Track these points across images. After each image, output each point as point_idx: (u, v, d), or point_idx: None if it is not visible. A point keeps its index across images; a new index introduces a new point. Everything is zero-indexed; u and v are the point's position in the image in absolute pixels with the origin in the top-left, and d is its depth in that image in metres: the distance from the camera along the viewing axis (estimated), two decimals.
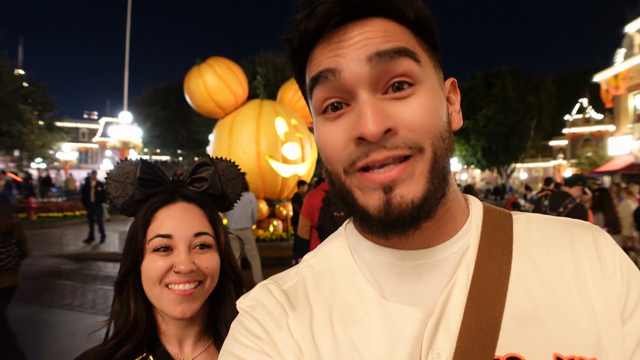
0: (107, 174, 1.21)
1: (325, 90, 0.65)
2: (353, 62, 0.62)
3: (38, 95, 27.62)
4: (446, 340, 0.63)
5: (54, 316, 6.63)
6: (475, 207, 0.77)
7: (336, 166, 0.66)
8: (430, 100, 0.64)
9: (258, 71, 21.05)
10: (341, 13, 0.62)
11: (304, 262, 0.81)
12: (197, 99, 10.77)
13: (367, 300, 0.69)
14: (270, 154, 10.62)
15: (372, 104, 0.61)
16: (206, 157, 1.26)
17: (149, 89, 40.08)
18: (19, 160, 30.16)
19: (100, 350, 1.07)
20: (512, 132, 37.05)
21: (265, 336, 0.69)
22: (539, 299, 0.64)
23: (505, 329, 0.62)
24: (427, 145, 0.62)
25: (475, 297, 0.64)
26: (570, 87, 44.74)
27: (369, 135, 0.59)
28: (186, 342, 1.16)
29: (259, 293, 0.76)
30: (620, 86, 26.24)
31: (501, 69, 37.99)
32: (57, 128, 30.27)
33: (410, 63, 0.63)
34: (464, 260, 0.68)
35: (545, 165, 52.08)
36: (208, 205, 1.19)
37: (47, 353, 5.21)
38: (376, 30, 0.63)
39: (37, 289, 8.06)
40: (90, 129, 63.07)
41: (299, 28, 0.65)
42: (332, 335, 0.67)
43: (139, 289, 1.12)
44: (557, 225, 0.73)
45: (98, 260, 10.95)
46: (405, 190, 0.61)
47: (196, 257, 1.09)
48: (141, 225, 1.11)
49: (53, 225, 18.25)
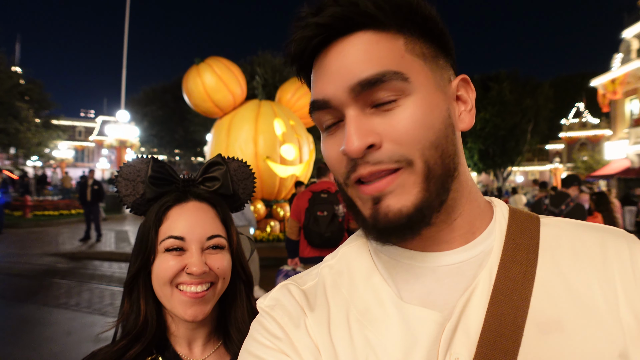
0: (117, 171, 1.20)
1: (321, 114, 0.69)
2: (338, 91, 0.64)
3: (35, 93, 27.51)
4: (465, 345, 0.62)
5: (50, 315, 6.59)
6: (500, 210, 0.75)
7: (338, 178, 0.70)
8: (418, 111, 0.62)
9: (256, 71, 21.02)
10: (318, 35, 0.65)
11: (325, 262, 0.81)
12: (195, 99, 10.76)
13: (384, 301, 0.68)
14: (268, 154, 10.62)
15: (357, 121, 0.62)
16: (218, 157, 1.25)
17: (147, 87, 39.94)
18: (15, 158, 30.05)
19: (110, 351, 1.05)
20: (509, 135, 37.12)
21: (283, 336, 0.70)
22: (563, 306, 0.62)
23: (527, 336, 0.60)
24: (415, 158, 0.61)
25: (498, 302, 0.63)
26: (567, 91, 44.91)
27: (351, 152, 0.61)
28: (196, 343, 1.15)
29: (278, 293, 0.77)
30: (617, 91, 26.37)
31: (498, 72, 38.07)
32: (53, 126, 30.18)
33: (395, 83, 0.62)
34: (487, 263, 0.67)
35: (541, 169, 52.24)
36: (220, 205, 1.17)
37: (43, 352, 5.17)
38: (357, 50, 0.63)
39: (33, 288, 8.03)
40: (87, 127, 62.99)
41: (288, 52, 0.70)
42: (349, 335, 0.67)
43: (149, 290, 1.11)
44: (588, 231, 0.70)
45: (94, 259, 10.91)
46: (393, 201, 0.62)
47: (208, 257, 1.08)
48: (153, 224, 1.09)
49: (49, 223, 18.19)
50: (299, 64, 0.71)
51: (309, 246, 4.97)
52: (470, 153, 39.52)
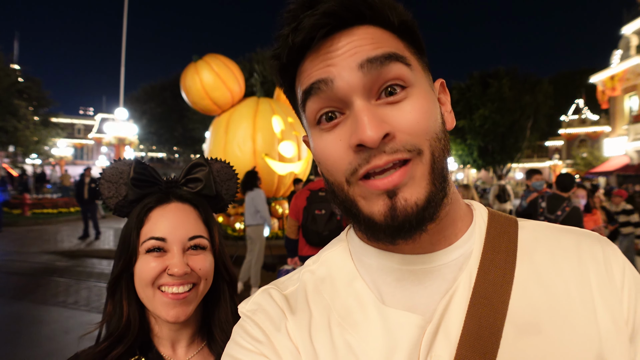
0: (99, 174, 1.20)
1: (318, 101, 0.65)
2: (344, 71, 0.62)
3: (33, 91, 27.46)
4: (445, 348, 0.62)
5: (48, 313, 6.60)
6: (480, 213, 0.76)
7: (338, 176, 0.66)
8: (425, 103, 0.64)
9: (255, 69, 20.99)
10: (328, 24, 0.63)
11: (306, 267, 0.81)
12: (193, 96, 10.74)
13: (366, 305, 0.69)
14: (267, 151, 10.61)
15: (368, 110, 0.61)
16: (201, 158, 1.25)
17: (145, 85, 39.99)
18: (13, 156, 30.02)
19: (92, 352, 1.05)
20: (508, 132, 37.09)
21: (265, 339, 0.70)
22: (541, 308, 0.63)
23: (506, 338, 0.61)
24: (424, 147, 0.62)
25: (477, 305, 0.63)
26: (566, 88, 44.92)
27: (369, 141, 0.58)
28: (179, 344, 1.15)
29: (260, 298, 0.77)
30: (616, 87, 26.39)
31: (498, 69, 37.98)
32: (52, 124, 30.16)
33: (401, 67, 0.63)
34: (466, 266, 0.68)
35: (541, 165, 52.25)
36: (202, 206, 1.17)
37: (40, 350, 5.18)
38: (364, 38, 0.63)
39: (31, 286, 8.03)
40: (85, 125, 62.91)
41: (286, 42, 0.65)
42: (330, 339, 0.67)
43: (132, 291, 1.11)
44: (564, 234, 0.72)
45: (92, 257, 10.92)
46: (408, 194, 0.60)
47: (190, 258, 1.08)
48: (134, 226, 1.09)
49: (47, 221, 18.20)
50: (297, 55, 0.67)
51: (307, 245, 4.97)
52: (469, 150, 39.54)
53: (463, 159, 41.20)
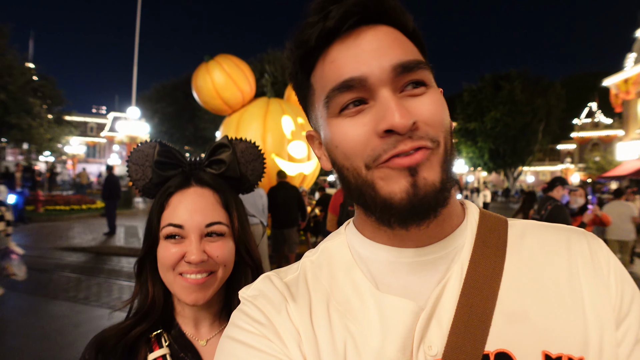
0: (128, 156, 1.22)
1: (346, 96, 0.67)
2: (378, 70, 0.65)
3: (47, 89, 27.82)
4: (438, 334, 0.65)
5: (59, 308, 6.69)
6: (472, 211, 0.79)
7: (356, 162, 0.67)
8: (440, 98, 0.69)
9: (266, 69, 21.06)
10: (358, 13, 0.66)
11: (305, 257, 0.84)
12: (204, 96, 10.79)
13: (362, 292, 0.72)
14: (277, 152, 10.64)
15: (396, 99, 0.64)
16: (224, 138, 1.24)
17: (157, 84, 40.15)
18: (27, 153, 30.38)
19: (117, 328, 1.09)
20: (520, 134, 36.81)
21: (266, 321, 0.72)
22: (529, 298, 0.66)
23: (495, 325, 0.64)
24: (441, 139, 0.66)
25: (468, 294, 0.67)
26: (579, 91, 44.47)
27: (399, 127, 0.61)
28: (202, 323, 1.17)
29: (261, 284, 0.79)
30: (630, 91, 26.05)
31: (510, 71, 37.74)
32: (65, 122, 30.48)
33: (426, 74, 0.68)
34: (458, 258, 0.71)
35: (552, 169, 51.78)
36: (223, 190, 1.16)
37: (51, 344, 5.26)
38: (390, 39, 0.68)
39: (43, 281, 8.14)
40: (98, 123, 63.51)
41: (317, 27, 0.67)
42: (329, 323, 0.70)
43: (156, 272, 1.13)
44: (553, 231, 0.76)
45: (103, 253, 11.03)
46: (427, 174, 0.63)
47: (208, 245, 1.09)
48: (156, 211, 1.11)
49: (60, 218, 18.39)
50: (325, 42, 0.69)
51: None
52: (480, 152, 39.29)
53: (474, 161, 40.94)
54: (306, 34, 0.69)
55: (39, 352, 5.04)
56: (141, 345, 1.08)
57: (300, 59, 0.74)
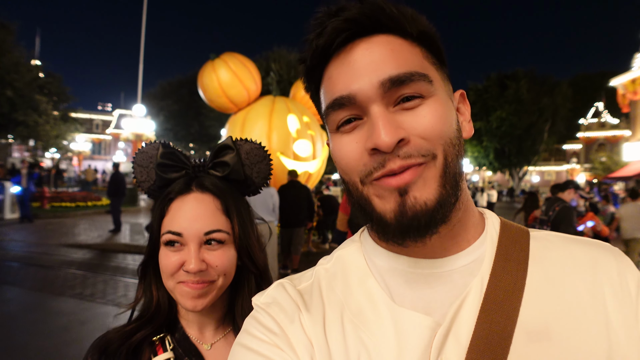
0: (133, 157, 1.21)
1: (340, 113, 0.67)
2: (366, 86, 0.64)
3: (53, 86, 27.95)
4: (455, 351, 0.63)
5: (65, 304, 6.71)
6: (492, 222, 0.77)
7: (353, 176, 0.68)
8: (439, 108, 0.66)
9: (271, 67, 21.06)
10: (348, 29, 0.65)
11: (320, 264, 0.83)
12: (210, 94, 10.80)
13: (377, 303, 0.70)
14: (282, 150, 10.64)
15: (384, 116, 0.63)
16: (228, 140, 1.20)
17: (163, 82, 40.24)
18: (33, 150, 30.54)
19: (122, 330, 1.08)
20: (526, 134, 36.66)
21: (279, 331, 0.71)
22: (552, 316, 0.64)
23: (516, 343, 0.62)
24: (438, 152, 0.64)
25: (488, 310, 0.64)
26: (586, 91, 44.24)
27: (383, 146, 0.61)
28: (206, 327, 1.16)
29: (274, 291, 0.78)
30: (637, 91, 25.86)
31: (516, 71, 37.58)
32: (71, 119, 30.64)
33: (422, 84, 0.65)
34: (478, 272, 0.69)
35: (558, 169, 51.58)
36: (224, 195, 1.13)
37: (57, 340, 5.28)
38: (384, 50, 0.66)
39: (49, 277, 8.17)
40: (104, 120, 63.76)
41: (311, 46, 0.69)
42: (343, 335, 0.68)
43: (159, 276, 1.12)
44: (577, 245, 0.73)
45: (109, 251, 11.06)
46: (418, 193, 0.62)
47: (207, 254, 1.08)
48: (157, 217, 1.10)
49: (66, 215, 18.46)
50: (321, 59, 0.70)
51: None
52: (485, 152, 39.16)
53: (479, 160, 40.82)
54: (305, 52, 0.71)
55: (44, 349, 5.05)
56: (145, 348, 1.08)
57: (305, 74, 0.75)
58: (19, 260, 9.71)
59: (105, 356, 1.04)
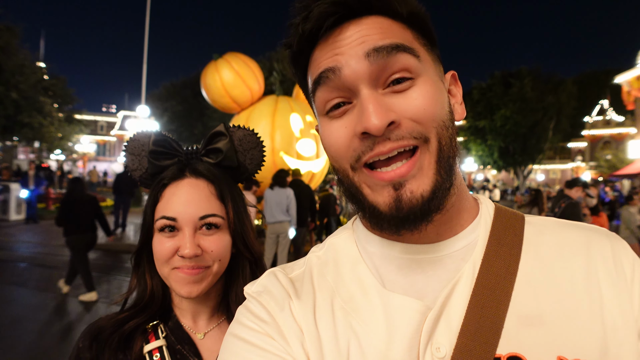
0: (124, 146, 1.19)
1: (327, 90, 0.66)
2: (352, 59, 0.63)
3: (58, 88, 27.99)
4: (446, 335, 0.63)
5: (70, 304, 6.75)
6: (486, 207, 0.76)
7: (342, 163, 0.67)
8: (431, 90, 0.65)
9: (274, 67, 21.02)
10: (336, 13, 0.64)
11: (312, 252, 0.83)
12: (213, 94, 10.82)
13: (368, 289, 0.70)
14: (285, 150, 10.65)
15: (374, 98, 0.62)
16: (221, 126, 1.20)
17: (167, 83, 40.24)
18: (38, 152, 30.66)
19: (115, 318, 1.07)
20: (530, 132, 36.45)
21: (269, 319, 0.71)
22: (545, 300, 0.63)
23: (508, 328, 0.62)
24: (431, 135, 0.63)
25: (479, 295, 0.64)
26: (590, 88, 43.99)
27: (373, 129, 0.60)
28: (200, 316, 1.16)
29: (266, 280, 0.78)
30: None
31: (520, 69, 37.33)
32: (76, 120, 30.70)
33: (408, 58, 0.64)
34: (470, 257, 0.68)
35: (563, 167, 51.35)
36: (218, 180, 1.12)
37: (62, 340, 5.30)
38: (372, 28, 0.65)
39: (54, 277, 8.21)
40: (108, 122, 63.95)
41: (297, 31, 0.67)
42: (333, 322, 0.68)
43: (153, 264, 1.11)
44: (572, 230, 0.72)
45: (113, 251, 11.09)
46: (415, 186, 0.61)
47: (202, 239, 1.07)
48: (150, 203, 1.09)
49: None
50: (307, 44, 0.69)
51: None
52: (490, 150, 39.00)
53: (483, 159, 40.65)
54: (290, 37, 0.69)
55: (49, 348, 5.08)
56: (137, 336, 1.07)
57: (291, 60, 0.74)
58: (24, 260, 9.76)
59: (97, 343, 1.03)
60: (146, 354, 1.05)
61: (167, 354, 1.05)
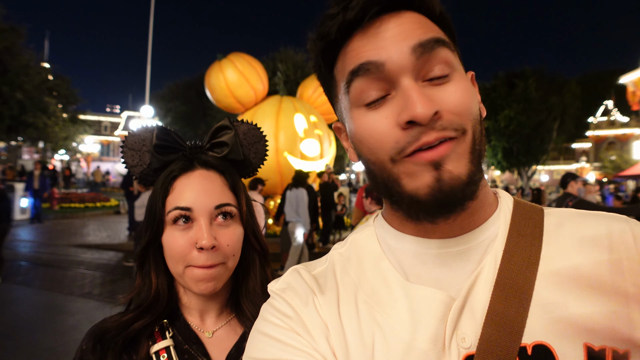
0: (122, 142, 1.17)
1: (365, 81, 0.66)
2: (396, 54, 0.63)
3: (62, 88, 28.12)
4: (471, 326, 0.63)
5: (74, 304, 6.76)
6: (505, 200, 0.77)
7: (381, 155, 0.66)
8: (467, 85, 0.67)
9: (278, 67, 21.11)
10: (379, 3, 0.64)
11: (334, 249, 0.83)
12: (217, 94, 10.86)
13: (391, 283, 0.70)
14: (289, 150, 10.66)
15: (417, 87, 0.62)
16: (226, 120, 1.19)
17: (171, 83, 40.43)
18: (43, 152, 30.80)
19: (119, 320, 1.05)
20: (534, 133, 36.38)
21: (294, 315, 0.72)
22: (568, 288, 0.63)
23: (532, 317, 0.62)
24: (468, 128, 0.64)
25: (502, 285, 0.64)
26: (595, 89, 43.86)
27: (420, 117, 0.59)
28: (208, 315, 1.14)
29: (289, 277, 0.79)
30: None
31: (524, 69, 37.28)
32: (80, 121, 30.84)
33: (447, 52, 0.66)
34: (491, 249, 0.69)
35: (567, 168, 51.18)
36: (229, 172, 1.11)
37: (67, 340, 5.30)
38: (412, 22, 0.66)
39: (58, 277, 8.24)
40: (112, 122, 64.20)
41: (337, 19, 0.66)
42: (357, 316, 0.69)
43: (160, 262, 1.09)
44: (592, 219, 0.71)
45: (118, 250, 11.12)
46: (453, 166, 0.61)
47: (218, 232, 1.04)
48: (160, 195, 1.05)
49: (75, 215, 18.66)
50: (345, 33, 0.68)
51: None
52: (494, 151, 38.95)
53: (487, 160, 40.61)
54: (327, 26, 0.68)
55: (54, 348, 5.09)
56: (143, 337, 1.05)
57: (321, 52, 0.73)
58: (28, 260, 9.80)
59: (101, 344, 1.01)
60: (153, 354, 1.03)
61: (175, 354, 1.04)
